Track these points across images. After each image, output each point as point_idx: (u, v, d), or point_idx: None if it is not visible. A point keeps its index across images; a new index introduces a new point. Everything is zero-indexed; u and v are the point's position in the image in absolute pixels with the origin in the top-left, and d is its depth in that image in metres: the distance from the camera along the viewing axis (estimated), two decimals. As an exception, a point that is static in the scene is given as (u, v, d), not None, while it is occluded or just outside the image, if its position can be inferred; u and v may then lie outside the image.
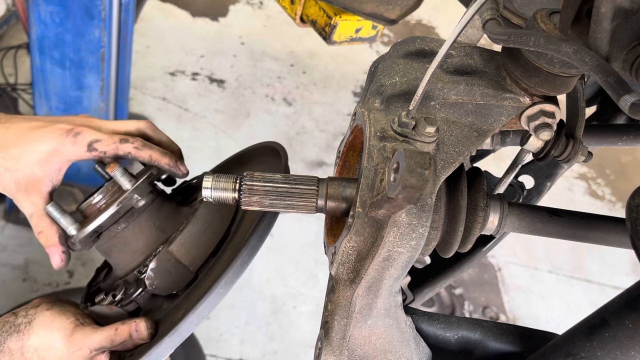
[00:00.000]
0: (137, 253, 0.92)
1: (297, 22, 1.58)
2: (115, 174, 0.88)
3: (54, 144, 0.88)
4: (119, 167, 0.89)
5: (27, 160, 0.87)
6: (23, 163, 0.87)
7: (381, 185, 0.61)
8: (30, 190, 0.88)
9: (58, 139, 0.88)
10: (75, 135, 0.88)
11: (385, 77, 0.74)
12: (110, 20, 2.44)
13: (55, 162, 0.89)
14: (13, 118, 0.91)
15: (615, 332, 0.59)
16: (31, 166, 0.87)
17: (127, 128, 0.96)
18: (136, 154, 0.91)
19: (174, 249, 0.89)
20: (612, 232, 0.76)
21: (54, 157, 0.88)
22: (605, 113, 1.23)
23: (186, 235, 0.90)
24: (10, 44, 3.76)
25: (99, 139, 0.89)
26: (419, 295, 1.10)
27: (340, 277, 0.66)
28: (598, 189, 4.38)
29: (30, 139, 0.88)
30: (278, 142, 1.05)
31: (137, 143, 0.91)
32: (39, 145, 0.87)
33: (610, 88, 0.50)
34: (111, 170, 0.88)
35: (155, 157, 0.93)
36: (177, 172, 0.96)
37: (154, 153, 0.93)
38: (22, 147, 0.87)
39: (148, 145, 0.93)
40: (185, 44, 4.33)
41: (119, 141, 0.90)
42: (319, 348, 0.71)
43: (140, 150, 0.91)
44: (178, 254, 0.89)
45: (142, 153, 0.91)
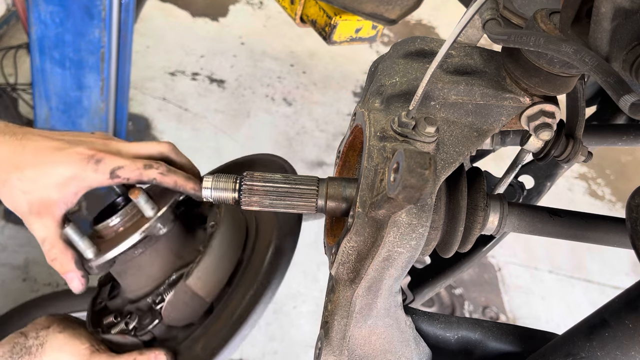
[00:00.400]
0: (151, 278, 0.90)
1: (297, 22, 1.58)
2: (139, 201, 0.86)
3: (74, 169, 0.83)
4: (143, 194, 0.86)
5: (44, 183, 0.83)
6: (39, 185, 0.83)
7: (381, 185, 0.61)
8: (43, 213, 0.84)
9: (79, 164, 0.83)
10: (97, 163, 0.84)
11: (385, 77, 0.74)
12: (110, 20, 2.44)
13: (73, 186, 0.84)
14: (29, 133, 0.87)
15: (615, 332, 0.59)
16: (48, 189, 0.84)
17: (150, 151, 0.91)
18: (161, 180, 0.87)
19: (191, 283, 0.87)
20: (612, 232, 0.76)
21: (72, 182, 0.84)
22: (605, 113, 1.23)
23: (202, 267, 0.88)
24: (10, 44, 3.76)
25: (121, 165, 0.85)
26: (419, 295, 1.10)
27: (340, 277, 0.66)
28: (598, 189, 4.38)
29: (49, 161, 0.83)
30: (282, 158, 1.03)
31: (161, 169, 0.87)
32: (57, 169, 0.83)
33: (610, 88, 0.50)
34: (135, 197, 0.86)
35: (180, 182, 0.89)
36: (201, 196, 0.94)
37: (179, 179, 0.89)
38: (40, 169, 0.83)
39: (172, 171, 0.89)
40: (185, 44, 4.33)
41: (143, 167, 0.86)
42: (319, 348, 0.71)
43: (165, 176, 0.87)
44: (195, 287, 0.87)
45: (167, 179, 0.87)
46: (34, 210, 0.84)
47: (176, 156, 0.94)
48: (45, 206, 0.84)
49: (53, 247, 0.85)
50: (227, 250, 0.91)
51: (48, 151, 0.84)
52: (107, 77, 2.61)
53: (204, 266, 0.87)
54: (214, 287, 0.89)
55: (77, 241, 0.85)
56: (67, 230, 0.84)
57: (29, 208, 0.84)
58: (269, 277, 0.88)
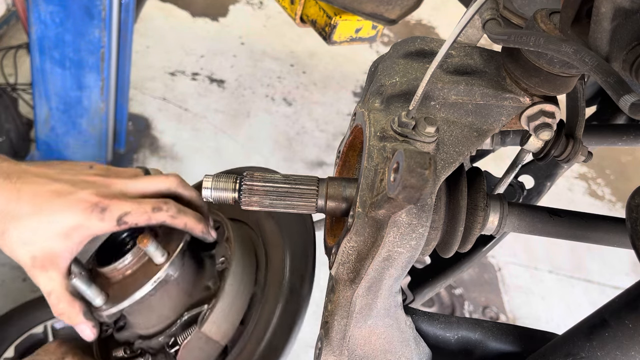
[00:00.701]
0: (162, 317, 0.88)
1: (297, 22, 1.58)
2: (149, 249, 0.82)
3: (78, 219, 0.78)
4: (152, 241, 0.82)
5: (46, 233, 0.78)
6: (41, 237, 0.78)
7: (381, 185, 0.61)
8: (48, 266, 0.79)
9: (82, 214, 0.78)
10: (103, 211, 0.79)
11: (385, 77, 0.74)
12: (110, 20, 2.44)
13: (77, 236, 0.79)
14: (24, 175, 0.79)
15: (615, 332, 0.59)
16: (50, 240, 0.78)
17: (157, 188, 0.86)
18: (171, 222, 0.83)
19: (207, 329, 0.85)
20: (612, 232, 0.76)
21: (76, 232, 0.79)
22: (605, 113, 1.23)
23: (217, 312, 0.85)
24: (10, 44, 3.76)
25: (128, 211, 0.80)
26: (419, 295, 1.10)
27: (340, 277, 0.66)
28: (598, 189, 4.38)
29: (50, 211, 0.77)
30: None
31: (171, 211, 0.83)
32: (59, 218, 0.78)
33: (610, 88, 0.50)
34: (144, 246, 0.82)
35: (191, 225, 0.85)
36: (209, 238, 0.89)
37: (189, 220, 0.85)
38: (40, 218, 0.77)
39: (183, 211, 0.84)
40: (185, 44, 4.33)
41: (151, 210, 0.81)
42: (319, 348, 0.71)
43: (175, 218, 0.83)
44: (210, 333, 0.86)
45: (178, 221, 0.83)
46: (38, 264, 0.79)
47: (184, 190, 0.89)
48: (50, 259, 0.79)
49: (60, 301, 0.81)
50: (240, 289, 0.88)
51: (47, 197, 0.78)
52: (107, 77, 2.61)
53: (218, 311, 0.85)
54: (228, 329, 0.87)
55: (84, 290, 0.82)
56: (74, 282, 0.81)
57: (32, 262, 0.79)
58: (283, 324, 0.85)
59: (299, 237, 0.93)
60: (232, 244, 0.89)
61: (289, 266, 0.89)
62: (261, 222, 1.00)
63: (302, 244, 0.91)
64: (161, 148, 3.49)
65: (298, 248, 0.91)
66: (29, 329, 2.04)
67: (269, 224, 0.98)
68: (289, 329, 0.83)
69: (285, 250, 0.92)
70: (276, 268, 0.92)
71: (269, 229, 0.98)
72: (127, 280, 0.84)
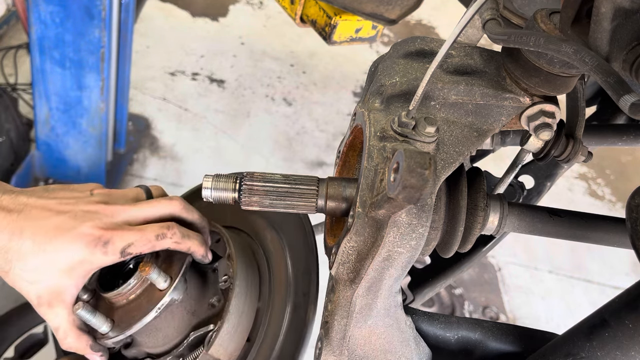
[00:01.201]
0: (168, 337, 0.88)
1: (297, 22, 1.58)
2: (151, 276, 0.82)
3: (81, 254, 0.78)
4: (153, 269, 0.82)
5: (50, 271, 0.77)
6: (45, 275, 0.78)
7: (381, 185, 0.61)
8: (54, 303, 0.79)
9: (87, 249, 0.78)
10: (105, 245, 0.78)
11: (385, 77, 0.74)
12: (110, 20, 2.44)
13: (81, 270, 0.79)
14: (25, 209, 0.78)
15: (615, 332, 0.59)
16: (55, 277, 0.78)
17: (160, 213, 0.85)
18: (175, 247, 0.83)
19: (214, 351, 0.85)
20: (612, 232, 0.76)
21: (80, 267, 0.79)
22: (605, 113, 1.23)
23: (223, 334, 0.85)
24: (10, 44, 3.76)
25: (131, 242, 0.79)
26: (419, 295, 1.10)
27: (340, 277, 0.66)
28: (598, 189, 4.38)
29: (52, 248, 0.77)
30: None
31: (175, 237, 0.82)
32: (63, 254, 0.77)
33: (610, 88, 0.50)
34: (146, 274, 0.82)
35: (194, 248, 0.85)
36: (206, 261, 0.89)
37: (193, 244, 0.85)
38: (43, 256, 0.77)
39: (187, 235, 0.84)
40: (185, 44, 4.33)
41: (155, 238, 0.81)
42: (319, 348, 0.71)
43: (179, 244, 0.83)
44: (217, 354, 0.85)
45: (182, 246, 0.83)
46: (44, 302, 0.79)
47: (187, 214, 0.88)
48: (55, 296, 0.79)
49: (67, 335, 0.82)
50: (245, 308, 0.88)
51: (49, 233, 0.77)
52: (107, 77, 2.61)
53: (224, 332, 0.85)
54: (235, 349, 0.87)
55: (90, 319, 0.82)
56: (78, 312, 0.81)
57: (38, 300, 0.79)
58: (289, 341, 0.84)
59: (300, 246, 0.92)
60: (235, 262, 0.89)
61: (293, 280, 0.89)
62: (261, 232, 0.99)
63: (304, 254, 0.91)
64: (161, 148, 3.49)
65: (300, 260, 0.90)
66: (29, 329, 2.04)
67: (270, 234, 0.97)
68: (295, 346, 0.82)
69: (288, 262, 0.91)
70: (280, 281, 0.91)
71: (269, 238, 0.97)
72: (131, 305, 0.84)
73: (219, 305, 0.89)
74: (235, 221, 1.03)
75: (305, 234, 0.92)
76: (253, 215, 1.00)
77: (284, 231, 0.95)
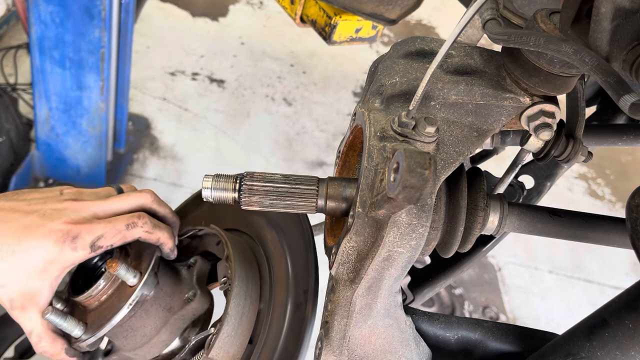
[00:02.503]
0: (146, 337, 0.87)
1: (297, 22, 1.58)
2: (119, 272, 0.81)
3: (51, 253, 0.76)
4: (121, 264, 0.81)
5: (20, 273, 0.75)
6: (15, 277, 0.75)
7: (381, 185, 0.61)
8: (28, 306, 0.77)
9: (55, 246, 0.75)
10: (74, 240, 0.76)
11: (385, 77, 0.74)
12: (110, 20, 2.44)
13: (54, 270, 0.77)
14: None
15: (615, 332, 0.59)
16: (27, 279, 0.76)
17: (130, 205, 0.84)
18: (146, 237, 0.82)
19: (214, 354, 0.84)
20: (612, 232, 0.76)
21: (52, 266, 0.77)
22: (605, 113, 1.23)
23: (223, 337, 0.84)
24: (10, 44, 3.76)
25: (100, 234, 0.78)
26: (419, 295, 1.10)
27: (340, 277, 0.66)
28: (598, 189, 4.38)
29: (21, 249, 0.75)
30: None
31: (146, 226, 0.81)
32: (32, 254, 0.75)
33: (610, 88, 0.50)
34: (114, 271, 0.80)
35: (163, 240, 0.84)
36: (172, 256, 0.88)
37: (163, 235, 0.84)
38: (12, 258, 0.75)
39: (158, 226, 0.83)
40: (185, 44, 4.33)
41: (125, 228, 0.79)
42: (319, 348, 0.71)
43: (151, 233, 0.82)
44: (218, 357, 0.84)
45: (153, 237, 0.83)
46: (17, 305, 0.77)
47: (158, 207, 0.87)
48: (29, 298, 0.77)
49: (41, 339, 0.80)
50: (245, 310, 0.87)
51: (17, 234, 0.75)
52: (107, 77, 2.61)
53: (225, 335, 0.84)
54: (237, 351, 0.86)
55: (60, 324, 0.80)
56: (48, 317, 0.79)
57: (11, 303, 0.77)
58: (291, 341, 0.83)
59: (300, 246, 0.91)
60: (233, 264, 0.88)
61: (293, 280, 0.88)
62: (261, 232, 0.98)
63: (304, 254, 0.90)
64: (161, 148, 3.49)
65: (300, 259, 0.90)
66: (29, 329, 2.04)
67: (270, 234, 0.97)
68: (297, 346, 0.82)
69: (288, 262, 0.91)
70: (280, 281, 0.90)
71: (269, 239, 0.96)
72: (103, 306, 0.83)
73: (195, 300, 0.88)
74: (236, 223, 1.02)
75: (304, 234, 0.91)
76: (253, 216, 1.00)
77: (283, 231, 0.94)
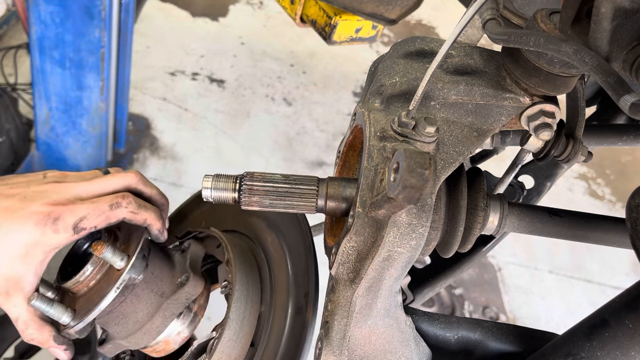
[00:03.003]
0: (138, 323, 0.85)
1: (297, 22, 1.58)
2: (105, 255, 0.78)
3: (33, 235, 0.73)
4: (107, 247, 0.78)
5: (3, 257, 0.73)
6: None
7: (381, 185, 0.61)
8: (12, 292, 0.75)
9: (37, 228, 0.73)
10: (55, 222, 0.73)
11: (385, 77, 0.74)
12: (110, 20, 2.44)
13: (38, 254, 0.74)
14: None
15: (615, 332, 0.59)
16: (10, 263, 0.73)
17: (114, 186, 0.81)
18: (132, 218, 0.79)
19: (216, 359, 0.83)
20: (612, 232, 0.76)
21: (35, 250, 0.74)
22: (605, 113, 1.23)
23: (224, 341, 0.83)
24: (10, 44, 3.76)
25: (83, 215, 0.74)
26: (419, 295, 1.10)
27: (340, 277, 0.66)
28: (598, 189, 4.38)
29: (2, 232, 0.72)
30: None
31: (131, 206, 0.78)
32: (13, 238, 0.73)
33: (610, 88, 0.50)
34: (99, 254, 0.78)
35: (151, 220, 0.81)
36: (161, 238, 0.86)
37: (150, 216, 0.81)
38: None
39: (143, 206, 0.80)
40: (185, 44, 4.33)
41: (109, 208, 0.76)
42: (319, 348, 0.71)
43: (136, 214, 0.79)
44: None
45: (138, 217, 0.79)
46: (1, 291, 0.75)
47: (144, 187, 0.84)
48: (13, 284, 0.75)
49: (28, 326, 0.77)
50: (246, 314, 0.87)
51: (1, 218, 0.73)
52: (107, 77, 2.61)
53: (226, 339, 0.83)
54: (238, 355, 0.86)
55: (47, 311, 0.78)
56: (34, 303, 0.76)
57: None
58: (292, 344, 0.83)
59: (300, 248, 0.91)
60: (233, 267, 0.87)
61: (293, 282, 0.88)
62: (261, 234, 0.98)
63: (304, 257, 0.89)
64: (161, 148, 3.49)
65: (301, 262, 0.90)
66: (29, 329, 2.04)
67: (270, 236, 0.97)
68: (298, 349, 0.81)
69: (288, 265, 0.91)
70: (281, 284, 0.90)
71: (270, 241, 0.96)
72: (91, 291, 0.81)
73: (188, 283, 0.87)
74: (236, 224, 1.02)
75: (304, 236, 0.91)
76: (253, 218, 0.99)
77: (283, 233, 0.94)
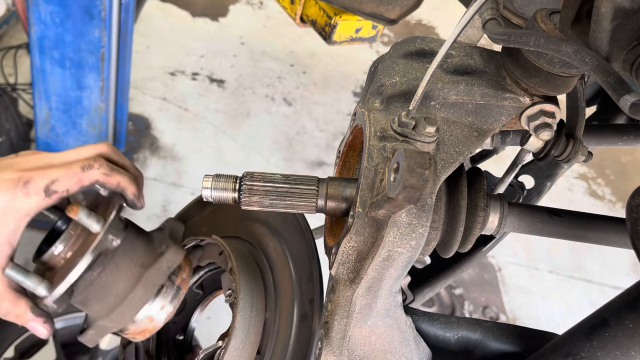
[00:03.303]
0: (119, 297, 0.81)
1: (297, 22, 1.58)
2: (81, 217, 0.75)
3: (3, 201, 0.71)
4: (82, 209, 0.75)
5: None
6: None
7: (381, 185, 0.61)
8: None
9: (7, 193, 0.71)
10: (26, 185, 0.72)
11: (385, 77, 0.74)
12: (110, 20, 2.44)
13: (10, 221, 0.72)
14: None
15: (615, 332, 0.59)
16: None
17: (86, 155, 0.79)
18: (105, 180, 0.77)
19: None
20: (612, 232, 0.76)
21: (7, 217, 0.72)
22: (605, 113, 1.23)
23: (231, 351, 0.83)
24: (10, 44, 3.77)
25: (54, 178, 0.73)
26: (419, 295, 1.10)
27: (340, 277, 0.66)
28: (598, 189, 4.38)
29: None
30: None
31: (104, 169, 0.76)
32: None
33: (610, 88, 0.50)
34: (75, 215, 0.75)
35: (124, 184, 0.79)
36: (138, 205, 0.84)
37: (123, 179, 0.79)
38: None
39: (116, 170, 0.79)
40: (185, 44, 4.33)
41: (81, 170, 0.75)
42: (319, 348, 0.71)
43: (109, 176, 0.77)
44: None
45: (111, 179, 0.78)
46: None
47: (117, 157, 0.83)
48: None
49: (3, 299, 0.75)
50: (251, 323, 0.86)
51: None
52: (107, 77, 2.61)
53: (232, 349, 0.83)
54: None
55: (22, 281, 0.75)
56: (7, 272, 0.74)
57: None
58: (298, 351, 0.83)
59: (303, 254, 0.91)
60: (237, 276, 0.86)
61: (297, 288, 0.88)
62: (263, 239, 0.98)
63: (307, 263, 0.89)
64: (161, 148, 3.49)
65: (304, 267, 0.89)
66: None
67: (272, 242, 0.96)
68: (304, 356, 0.82)
69: (292, 271, 0.90)
70: (285, 290, 0.90)
71: (272, 246, 0.96)
72: (69, 262, 0.78)
73: (168, 251, 0.84)
74: (237, 230, 1.02)
75: (306, 241, 0.91)
76: (255, 224, 0.99)
77: (285, 239, 0.94)
